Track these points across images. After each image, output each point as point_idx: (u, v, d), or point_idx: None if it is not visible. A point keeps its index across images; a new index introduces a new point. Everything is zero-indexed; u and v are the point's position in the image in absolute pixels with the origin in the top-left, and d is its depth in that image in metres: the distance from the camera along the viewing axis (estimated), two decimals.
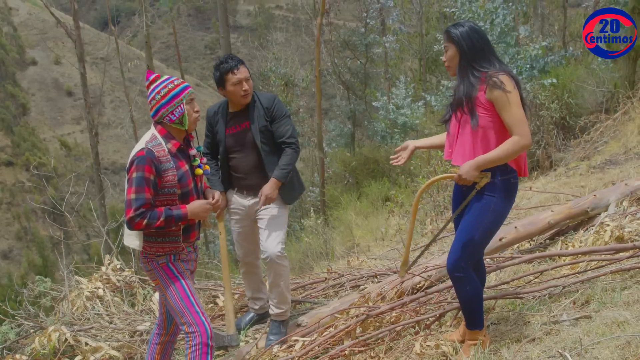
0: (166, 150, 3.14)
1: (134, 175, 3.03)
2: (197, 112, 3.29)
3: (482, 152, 3.04)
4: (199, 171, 3.31)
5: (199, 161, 3.33)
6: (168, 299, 3.20)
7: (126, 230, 3.21)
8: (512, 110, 2.95)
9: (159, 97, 3.16)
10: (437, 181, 3.39)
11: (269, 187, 4.02)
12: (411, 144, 3.47)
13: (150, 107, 3.19)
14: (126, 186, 3.07)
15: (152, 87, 3.20)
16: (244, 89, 3.99)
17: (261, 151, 4.06)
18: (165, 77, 3.26)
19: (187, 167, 3.23)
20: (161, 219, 3.05)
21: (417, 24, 18.99)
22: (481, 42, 3.04)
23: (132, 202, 3.00)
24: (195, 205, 3.20)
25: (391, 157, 3.51)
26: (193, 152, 3.32)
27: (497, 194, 3.07)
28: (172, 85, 3.19)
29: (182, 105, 3.19)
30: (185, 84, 3.26)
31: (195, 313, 3.18)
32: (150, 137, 3.17)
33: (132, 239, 3.20)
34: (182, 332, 3.22)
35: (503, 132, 3.03)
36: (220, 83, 4.01)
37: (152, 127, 3.23)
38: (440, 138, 3.49)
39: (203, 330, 3.16)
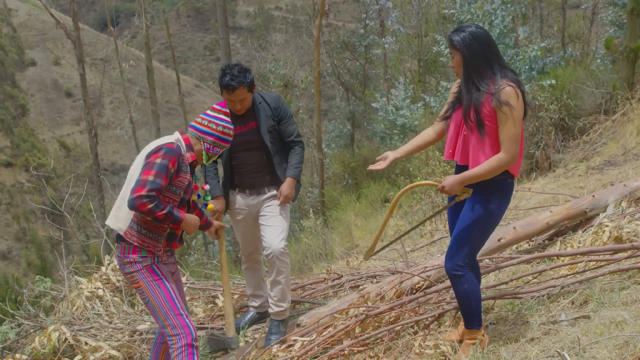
0: (185, 157, 3.31)
1: (159, 160, 3.12)
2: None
3: (484, 156, 3.07)
4: (211, 207, 3.78)
5: (209, 199, 3.73)
6: (152, 301, 3.21)
7: (115, 211, 3.27)
8: (510, 127, 2.98)
9: (218, 128, 3.43)
10: (420, 186, 3.48)
11: (288, 187, 4.13)
12: (390, 155, 3.42)
13: (203, 124, 3.42)
14: (142, 168, 3.14)
15: (219, 115, 3.45)
16: (236, 107, 4.04)
17: (270, 150, 4.10)
18: (229, 120, 3.52)
19: (190, 179, 3.37)
20: (164, 212, 3.10)
21: (416, 25, 19.01)
22: (483, 48, 3.03)
23: (148, 182, 3.06)
24: (191, 217, 3.33)
25: (370, 166, 3.47)
26: (207, 187, 3.69)
27: (492, 194, 3.10)
28: (231, 132, 3.50)
29: (220, 150, 3.47)
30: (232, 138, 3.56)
31: (179, 315, 3.22)
32: (175, 139, 3.33)
33: (115, 220, 3.26)
34: (165, 335, 3.25)
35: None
36: (220, 88, 4.05)
37: (177, 133, 3.40)
38: (418, 140, 3.48)
39: (188, 332, 3.21)
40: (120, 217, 3.24)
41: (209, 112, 3.47)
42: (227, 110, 3.49)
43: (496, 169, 3.01)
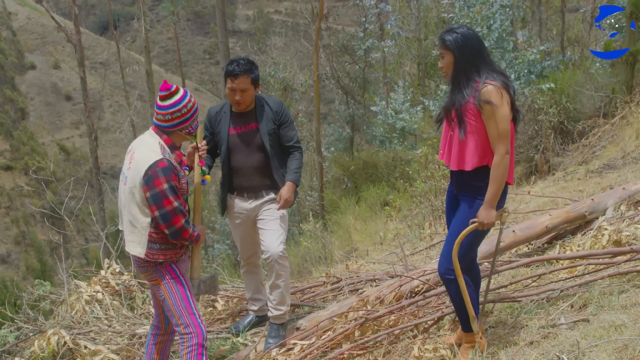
0: (175, 162, 3.22)
1: (166, 185, 3.06)
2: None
3: (466, 158, 3.09)
4: (208, 178, 3.52)
5: (206, 173, 3.49)
6: (167, 298, 3.23)
7: (129, 237, 3.22)
8: (496, 124, 2.99)
9: (185, 110, 3.21)
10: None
11: (287, 191, 4.11)
12: None
13: (172, 118, 3.19)
14: (155, 200, 3.06)
15: (176, 99, 3.19)
16: (236, 97, 4.02)
17: (268, 153, 4.10)
18: (184, 89, 3.27)
19: (186, 178, 3.35)
20: (195, 234, 3.22)
21: (415, 29, 19.05)
22: (474, 49, 3.06)
23: (177, 210, 3.08)
24: (203, 229, 3.38)
25: None
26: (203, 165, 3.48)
27: (484, 198, 3.09)
28: (193, 99, 3.26)
29: (196, 122, 3.30)
30: None
31: (192, 315, 3.24)
32: (159, 147, 3.17)
33: (134, 246, 3.21)
34: (178, 333, 3.26)
35: (487, 140, 3.07)
36: (224, 77, 4.07)
37: (155, 136, 3.22)
38: None
39: (200, 332, 3.22)
40: (136, 242, 3.20)
41: (159, 102, 3.19)
42: (171, 89, 3.19)
43: (502, 173, 3.01)
